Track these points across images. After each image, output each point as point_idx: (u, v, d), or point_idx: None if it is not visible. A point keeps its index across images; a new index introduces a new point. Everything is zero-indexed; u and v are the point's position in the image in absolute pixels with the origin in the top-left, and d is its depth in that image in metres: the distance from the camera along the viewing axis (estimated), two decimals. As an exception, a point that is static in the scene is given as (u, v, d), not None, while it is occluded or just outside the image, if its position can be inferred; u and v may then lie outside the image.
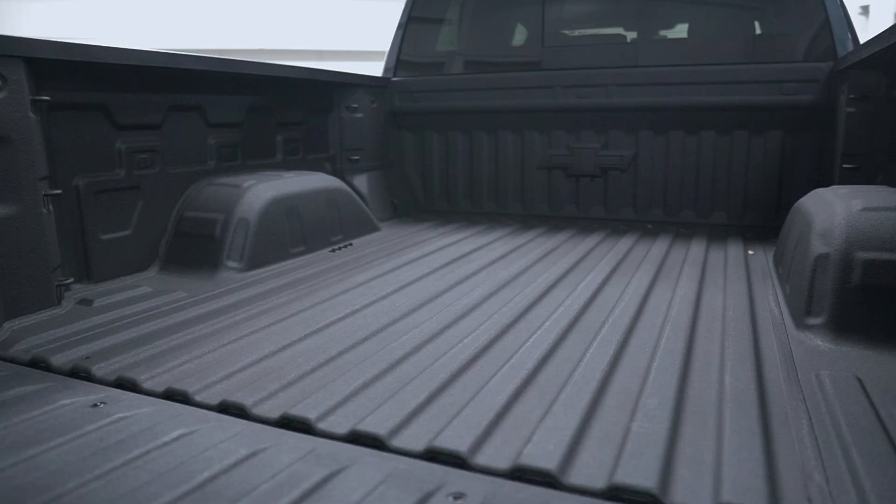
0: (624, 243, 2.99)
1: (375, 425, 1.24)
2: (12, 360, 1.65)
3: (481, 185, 3.91)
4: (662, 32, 3.57)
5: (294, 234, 2.79)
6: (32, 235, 1.97)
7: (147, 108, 2.50)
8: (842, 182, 2.79)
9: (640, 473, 1.06)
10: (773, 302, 2.05)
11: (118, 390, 1.45)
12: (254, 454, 1.14)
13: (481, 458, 1.13)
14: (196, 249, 2.54)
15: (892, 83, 2.58)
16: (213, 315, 1.99)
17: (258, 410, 1.33)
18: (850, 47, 3.08)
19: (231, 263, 2.49)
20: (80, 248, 2.30)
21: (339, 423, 1.26)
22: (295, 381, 1.47)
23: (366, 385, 1.44)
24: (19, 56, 1.90)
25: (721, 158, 3.37)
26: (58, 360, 1.62)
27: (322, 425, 1.26)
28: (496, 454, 1.15)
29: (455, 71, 3.91)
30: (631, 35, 3.59)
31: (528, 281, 2.35)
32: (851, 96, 2.70)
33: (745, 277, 2.36)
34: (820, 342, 1.69)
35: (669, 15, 3.52)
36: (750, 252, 2.79)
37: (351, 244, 3.09)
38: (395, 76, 3.93)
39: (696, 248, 2.86)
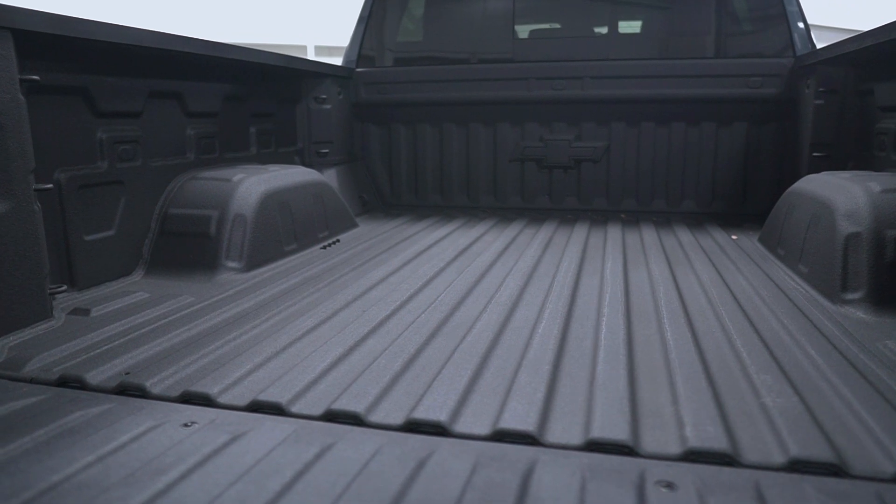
0: (613, 232, 3.04)
1: (518, 422, 1.16)
2: (33, 381, 1.41)
3: (451, 178, 3.84)
4: (631, 27, 3.67)
5: (287, 231, 2.60)
6: (25, 236, 1.69)
7: (128, 94, 2.23)
8: (811, 170, 2.99)
9: (813, 447, 1.07)
10: (790, 281, 2.16)
11: (193, 406, 1.27)
12: (421, 465, 1.03)
13: (648, 447, 1.09)
14: (187, 249, 2.30)
15: (858, 78, 2.80)
16: (243, 319, 1.80)
17: (375, 417, 1.21)
18: (802, 44, 3.31)
19: (230, 263, 2.28)
20: (62, 252, 2.01)
21: (477, 424, 1.17)
22: (393, 385, 1.35)
23: (473, 382, 1.35)
24: (7, 27, 1.63)
25: (691, 149, 3.52)
26: (94, 378, 1.39)
27: (459, 428, 1.16)
28: (659, 441, 1.11)
29: (423, 63, 3.82)
30: (600, 29, 3.67)
31: (549, 271, 2.32)
32: (820, 89, 2.91)
33: (749, 260, 2.47)
34: (863, 315, 1.80)
35: (637, 11, 3.63)
36: (734, 237, 2.93)
37: (338, 240, 2.93)
38: (357, 68, 3.78)
39: (684, 235, 2.96)
